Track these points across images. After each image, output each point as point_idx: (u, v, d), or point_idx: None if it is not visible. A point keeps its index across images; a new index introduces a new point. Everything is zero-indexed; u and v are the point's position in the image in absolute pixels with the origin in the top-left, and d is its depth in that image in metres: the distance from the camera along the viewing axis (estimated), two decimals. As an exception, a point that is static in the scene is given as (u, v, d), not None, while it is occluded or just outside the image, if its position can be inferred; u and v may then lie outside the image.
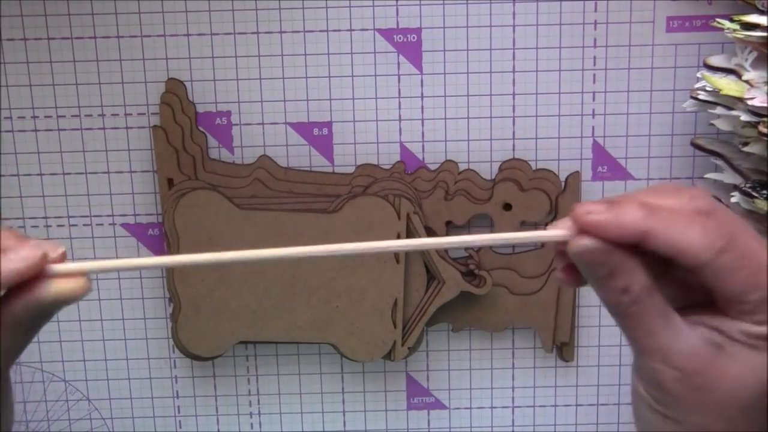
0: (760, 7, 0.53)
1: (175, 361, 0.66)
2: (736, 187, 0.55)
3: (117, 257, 0.64)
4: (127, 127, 0.62)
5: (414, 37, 0.60)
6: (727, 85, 0.53)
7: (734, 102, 0.53)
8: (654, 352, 0.31)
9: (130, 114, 0.62)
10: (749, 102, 0.51)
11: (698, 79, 0.56)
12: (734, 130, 0.55)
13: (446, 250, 0.62)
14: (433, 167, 0.62)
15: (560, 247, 0.32)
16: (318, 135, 0.62)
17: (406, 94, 0.61)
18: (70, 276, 0.31)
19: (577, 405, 0.67)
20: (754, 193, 0.53)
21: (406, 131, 0.62)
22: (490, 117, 0.62)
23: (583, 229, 0.30)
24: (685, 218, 0.30)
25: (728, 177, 0.56)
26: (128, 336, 0.65)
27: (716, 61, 0.56)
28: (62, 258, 0.31)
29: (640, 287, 0.30)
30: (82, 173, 0.62)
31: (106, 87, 0.61)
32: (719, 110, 0.54)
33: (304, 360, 0.66)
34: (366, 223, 0.59)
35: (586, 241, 0.30)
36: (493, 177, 0.62)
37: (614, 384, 0.66)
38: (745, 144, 0.54)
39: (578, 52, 0.61)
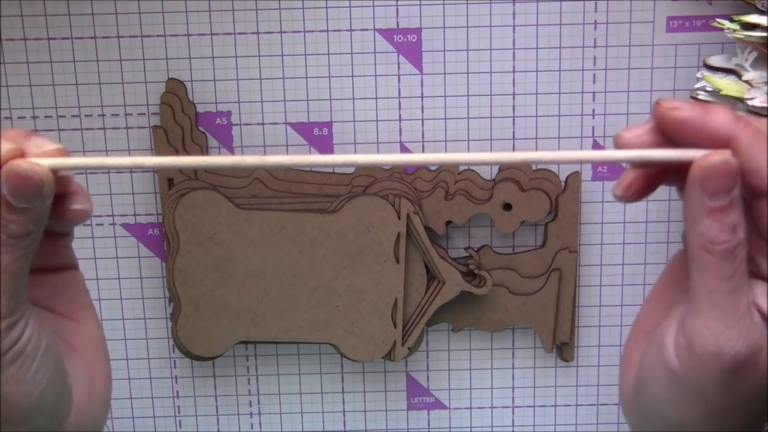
0: (760, 7, 0.53)
1: (175, 361, 0.66)
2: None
3: (117, 257, 0.64)
4: (127, 127, 0.62)
5: (414, 37, 0.60)
6: (727, 85, 0.53)
7: (734, 102, 0.53)
8: (719, 317, 0.27)
9: (130, 114, 0.62)
10: (749, 102, 0.51)
11: (698, 79, 0.56)
12: (734, 130, 0.55)
13: (446, 250, 0.62)
14: (433, 167, 0.62)
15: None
16: (318, 135, 0.62)
17: (406, 94, 0.61)
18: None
19: (577, 405, 0.67)
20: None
21: (406, 131, 0.62)
22: (490, 117, 0.62)
23: (663, 126, 0.28)
24: None
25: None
26: (128, 336, 0.65)
27: (716, 61, 0.56)
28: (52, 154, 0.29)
29: (745, 231, 0.27)
30: (82, 173, 0.62)
31: (106, 87, 0.61)
32: (719, 110, 0.54)
33: (304, 360, 0.66)
34: (366, 223, 0.59)
35: (728, 156, 0.27)
36: (493, 177, 0.62)
37: (614, 384, 0.66)
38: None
39: (578, 52, 0.61)
